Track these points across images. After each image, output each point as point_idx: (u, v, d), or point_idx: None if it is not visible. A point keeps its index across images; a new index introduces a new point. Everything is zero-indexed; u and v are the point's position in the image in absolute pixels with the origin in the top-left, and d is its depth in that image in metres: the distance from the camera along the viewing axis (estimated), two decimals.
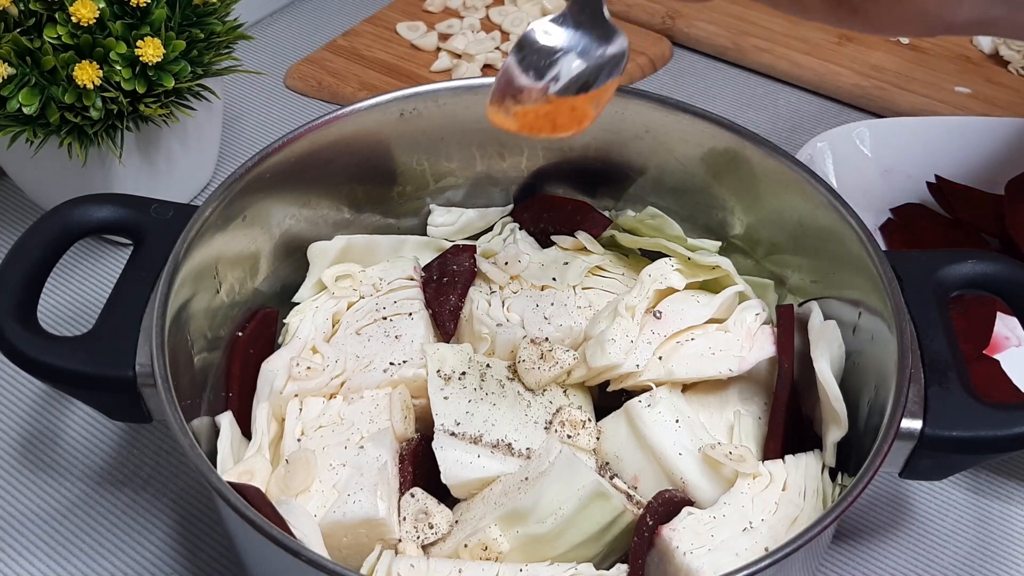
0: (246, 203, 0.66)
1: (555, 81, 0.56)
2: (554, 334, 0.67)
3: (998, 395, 0.71)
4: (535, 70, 0.57)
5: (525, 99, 0.56)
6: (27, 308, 0.59)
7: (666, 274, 0.67)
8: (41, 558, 0.67)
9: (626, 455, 0.62)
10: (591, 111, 0.56)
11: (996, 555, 0.69)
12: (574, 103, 0.56)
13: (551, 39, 0.57)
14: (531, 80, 0.56)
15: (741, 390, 0.65)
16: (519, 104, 0.56)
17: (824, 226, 0.65)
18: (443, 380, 0.64)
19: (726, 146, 0.69)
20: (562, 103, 0.56)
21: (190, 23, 0.79)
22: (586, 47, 0.57)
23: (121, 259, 0.86)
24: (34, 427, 0.75)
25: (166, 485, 0.71)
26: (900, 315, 0.57)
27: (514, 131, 0.56)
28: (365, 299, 0.70)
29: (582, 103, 0.56)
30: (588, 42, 0.57)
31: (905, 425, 0.54)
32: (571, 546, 0.57)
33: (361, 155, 0.71)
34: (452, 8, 1.14)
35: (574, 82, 0.57)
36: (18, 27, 0.74)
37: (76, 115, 0.75)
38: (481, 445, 0.61)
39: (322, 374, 0.65)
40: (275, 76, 1.06)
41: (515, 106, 0.56)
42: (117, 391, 0.57)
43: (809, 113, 1.04)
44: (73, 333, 0.74)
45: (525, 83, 0.56)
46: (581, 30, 0.57)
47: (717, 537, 0.56)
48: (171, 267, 0.59)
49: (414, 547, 0.58)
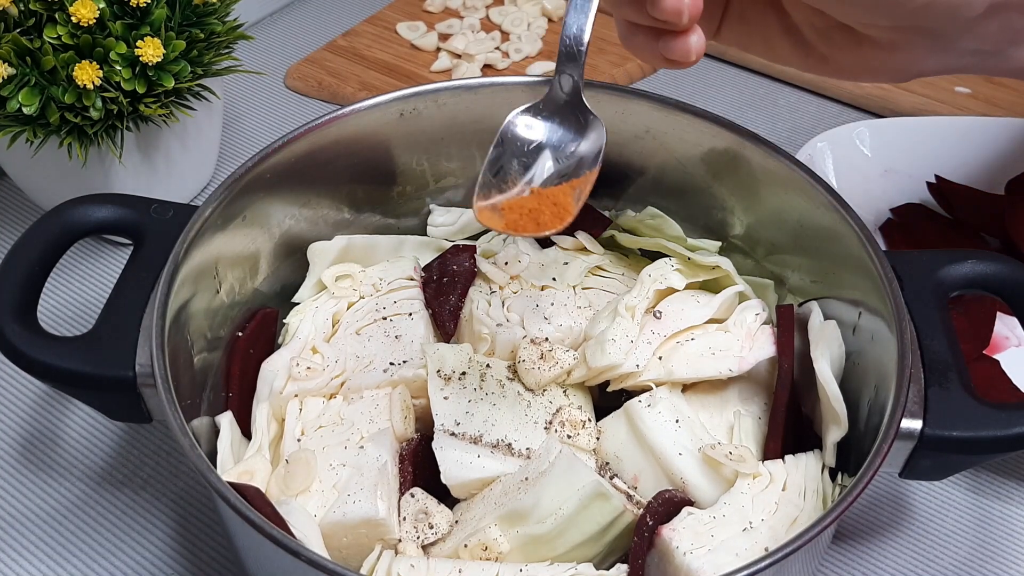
0: (246, 203, 0.66)
1: (538, 173, 0.57)
2: (554, 334, 0.67)
3: (998, 395, 0.71)
4: (518, 162, 0.57)
5: (509, 191, 0.57)
6: (27, 308, 0.59)
7: (666, 274, 0.67)
8: (41, 558, 0.67)
9: (626, 455, 0.62)
10: (572, 205, 0.56)
11: (996, 555, 0.69)
12: (556, 197, 0.56)
13: (532, 132, 0.58)
14: (515, 173, 0.57)
15: (741, 390, 0.65)
16: (504, 196, 0.56)
17: (824, 226, 0.65)
18: (443, 380, 0.64)
19: (726, 146, 0.68)
20: (545, 196, 0.56)
21: (190, 23, 0.79)
22: (564, 139, 0.58)
23: (121, 259, 0.86)
24: (34, 427, 0.75)
25: (166, 485, 0.71)
26: (900, 315, 0.57)
27: (500, 230, 0.57)
28: (365, 299, 0.70)
29: (564, 196, 0.56)
30: (567, 133, 0.58)
31: (905, 425, 0.54)
32: (571, 546, 0.57)
33: (361, 155, 0.71)
34: (452, 8, 1.14)
35: (555, 175, 0.57)
36: (18, 27, 0.74)
37: (76, 115, 0.75)
38: (481, 445, 0.61)
39: (322, 374, 0.65)
40: (275, 76, 1.06)
41: (501, 200, 0.56)
42: (117, 391, 0.57)
43: (809, 113, 1.04)
44: (73, 333, 0.74)
45: (509, 176, 0.57)
46: (561, 121, 0.58)
47: (717, 537, 0.56)
48: (171, 267, 0.59)
49: (414, 547, 0.58)
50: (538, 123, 0.58)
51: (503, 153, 0.57)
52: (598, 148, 0.57)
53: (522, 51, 1.07)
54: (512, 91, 0.70)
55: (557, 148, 0.58)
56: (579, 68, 0.57)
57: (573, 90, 0.57)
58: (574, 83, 0.57)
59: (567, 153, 0.58)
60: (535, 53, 1.08)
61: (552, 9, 1.12)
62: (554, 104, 0.58)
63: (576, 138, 0.58)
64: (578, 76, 0.57)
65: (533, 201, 0.56)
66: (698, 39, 0.52)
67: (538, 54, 1.08)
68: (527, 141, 0.58)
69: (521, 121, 0.58)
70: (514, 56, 1.06)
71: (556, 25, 1.12)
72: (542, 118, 0.58)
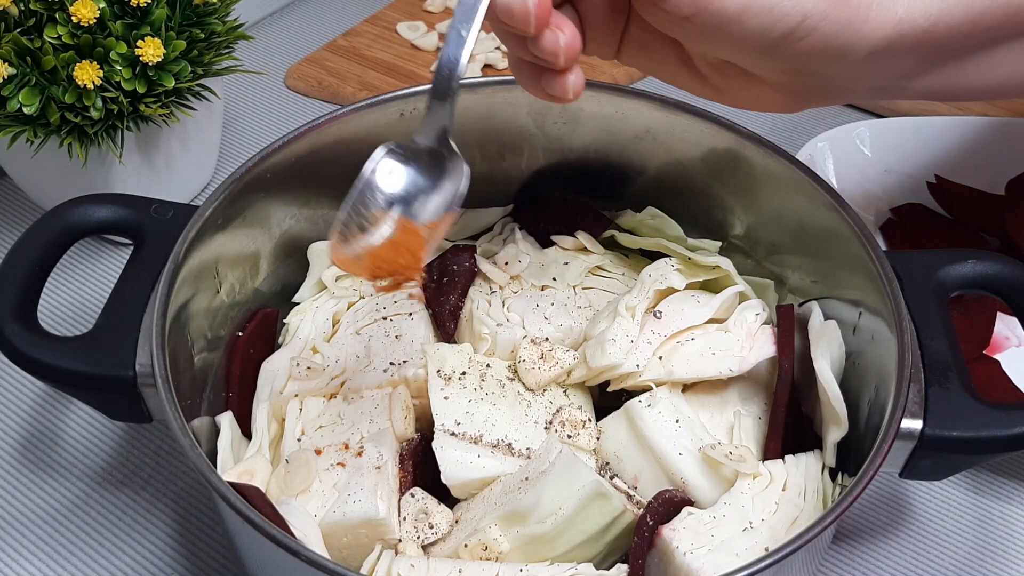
0: (246, 203, 0.66)
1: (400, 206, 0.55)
2: (554, 334, 0.67)
3: (998, 395, 0.71)
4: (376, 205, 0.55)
5: (368, 236, 0.55)
6: (27, 308, 0.59)
7: (666, 274, 0.67)
8: (41, 558, 0.67)
9: (626, 455, 0.62)
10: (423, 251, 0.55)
11: (996, 555, 0.69)
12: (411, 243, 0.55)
13: (393, 181, 0.55)
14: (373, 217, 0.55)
15: (741, 390, 0.65)
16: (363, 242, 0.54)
17: (824, 226, 0.65)
18: (443, 380, 0.64)
19: (726, 146, 0.69)
20: (399, 243, 0.54)
21: (190, 23, 0.79)
22: (426, 185, 0.55)
23: (121, 259, 0.86)
24: (34, 427, 0.75)
25: (166, 485, 0.71)
26: (900, 315, 0.57)
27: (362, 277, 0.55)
28: (365, 299, 0.70)
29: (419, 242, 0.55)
30: (429, 179, 0.55)
31: (905, 425, 0.54)
32: (571, 546, 0.57)
33: (361, 155, 0.70)
34: (452, 8, 1.14)
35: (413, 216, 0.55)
36: (18, 27, 0.74)
37: (76, 115, 0.75)
38: (481, 445, 0.61)
39: (322, 374, 0.65)
40: (275, 76, 1.06)
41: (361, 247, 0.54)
42: (117, 391, 0.57)
43: (809, 113, 1.03)
44: (73, 333, 0.74)
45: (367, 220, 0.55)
46: (426, 165, 0.56)
47: (717, 537, 0.56)
48: (171, 267, 0.59)
49: (414, 547, 0.58)
50: (400, 169, 0.55)
51: (362, 197, 0.55)
52: (460, 192, 0.55)
53: None
54: (512, 91, 0.70)
55: (417, 194, 0.55)
56: (451, 106, 0.54)
57: (441, 134, 0.55)
58: (443, 127, 0.55)
59: (427, 196, 0.55)
60: None
61: None
62: (419, 149, 0.56)
63: (439, 181, 0.56)
64: (448, 117, 0.54)
65: (389, 249, 0.55)
66: (575, 78, 0.53)
67: None
68: (388, 193, 0.55)
69: (383, 168, 0.55)
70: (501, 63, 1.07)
71: None
72: (406, 163, 0.55)
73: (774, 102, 0.58)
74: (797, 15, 0.50)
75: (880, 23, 0.52)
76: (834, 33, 0.51)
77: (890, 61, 0.54)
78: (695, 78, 0.58)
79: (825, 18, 0.51)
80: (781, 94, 0.57)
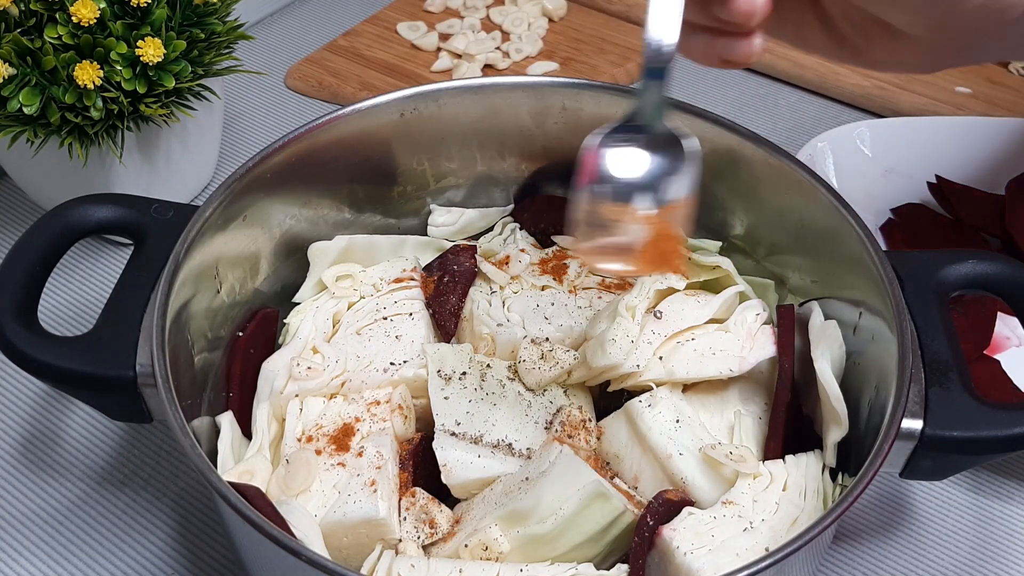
0: (246, 203, 0.66)
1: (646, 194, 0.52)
2: (554, 334, 0.67)
3: (998, 395, 0.71)
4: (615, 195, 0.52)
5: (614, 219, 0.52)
6: (27, 308, 0.59)
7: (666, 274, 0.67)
8: (41, 558, 0.67)
9: (626, 455, 0.62)
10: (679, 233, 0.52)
11: (996, 555, 0.69)
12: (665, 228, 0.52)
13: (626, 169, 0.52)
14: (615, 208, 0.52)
15: (741, 390, 0.65)
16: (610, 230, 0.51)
17: (825, 226, 0.65)
18: (443, 380, 0.64)
19: (726, 146, 0.68)
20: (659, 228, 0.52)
21: (190, 23, 0.79)
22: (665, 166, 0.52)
23: (121, 259, 0.86)
24: (34, 427, 0.75)
25: (166, 485, 0.71)
26: (901, 315, 0.57)
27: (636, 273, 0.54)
28: (365, 299, 0.70)
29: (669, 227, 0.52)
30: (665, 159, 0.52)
31: (906, 425, 0.54)
32: (572, 546, 0.57)
33: (361, 155, 0.71)
34: (452, 8, 1.14)
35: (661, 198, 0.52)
36: (19, 27, 0.74)
37: (76, 115, 0.75)
38: (481, 445, 0.61)
39: (322, 374, 0.65)
40: (275, 76, 1.06)
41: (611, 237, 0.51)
42: (117, 391, 0.57)
43: (809, 113, 1.04)
44: (73, 333, 0.74)
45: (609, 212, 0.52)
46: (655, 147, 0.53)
47: (717, 537, 0.56)
48: (171, 267, 0.59)
49: (414, 547, 0.58)
50: (631, 155, 0.52)
51: (600, 192, 0.52)
52: (694, 171, 0.52)
53: (523, 51, 1.07)
54: (512, 91, 0.70)
55: (657, 180, 0.52)
56: (664, 83, 0.51)
57: (658, 115, 0.52)
58: (659, 105, 0.52)
59: (668, 180, 0.53)
60: (535, 53, 1.07)
61: (552, 9, 1.12)
62: (643, 133, 0.53)
63: (673, 162, 0.53)
64: (661, 95, 0.51)
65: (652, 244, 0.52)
66: (761, 41, 0.51)
67: (538, 54, 1.08)
68: (626, 182, 0.52)
69: (611, 157, 0.52)
70: (515, 56, 1.06)
71: (556, 25, 1.12)
72: (635, 145, 0.53)
73: (915, 62, 0.56)
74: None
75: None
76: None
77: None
78: (832, 39, 0.56)
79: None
80: (924, 53, 0.55)
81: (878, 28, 0.54)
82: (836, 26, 0.55)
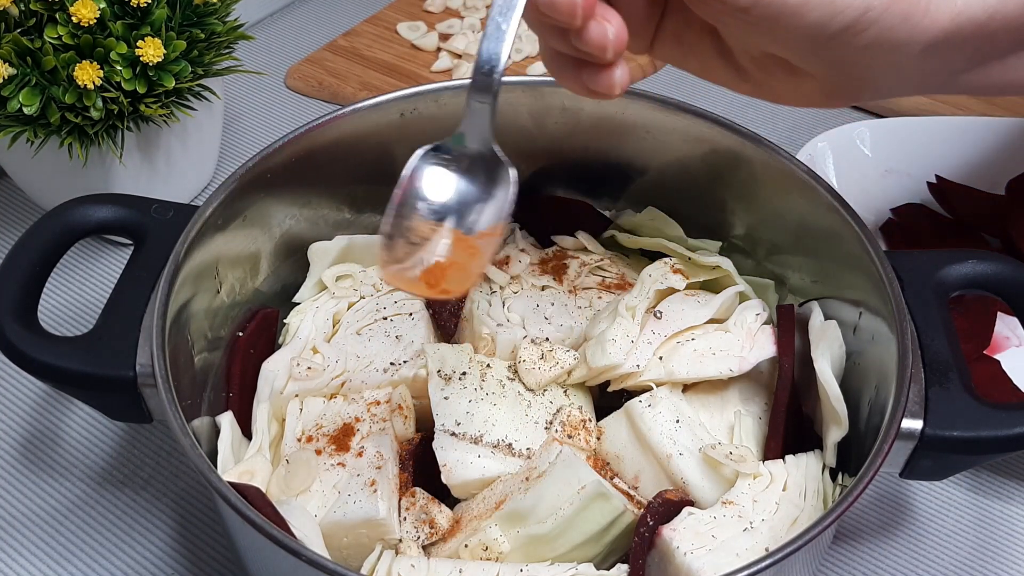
0: (246, 203, 0.66)
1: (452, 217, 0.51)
2: (554, 334, 0.67)
3: (998, 395, 0.71)
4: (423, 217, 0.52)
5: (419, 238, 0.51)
6: (27, 308, 0.59)
7: (666, 274, 0.67)
8: (41, 558, 0.67)
9: (626, 455, 0.62)
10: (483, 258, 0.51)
11: (996, 555, 0.69)
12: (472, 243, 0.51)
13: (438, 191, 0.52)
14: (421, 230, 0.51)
15: (741, 390, 0.65)
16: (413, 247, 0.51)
17: (825, 226, 0.65)
18: (443, 380, 0.64)
19: (727, 146, 0.68)
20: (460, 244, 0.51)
21: (190, 23, 0.79)
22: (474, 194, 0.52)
23: (121, 259, 0.86)
24: (34, 427, 0.75)
25: (166, 485, 0.71)
26: (901, 315, 0.57)
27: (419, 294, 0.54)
28: (365, 299, 0.70)
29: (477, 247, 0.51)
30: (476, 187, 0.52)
31: (906, 425, 0.54)
32: (572, 546, 0.57)
33: (361, 155, 0.71)
34: (452, 8, 1.14)
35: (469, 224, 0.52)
36: (19, 27, 0.74)
37: (76, 115, 0.75)
38: (481, 445, 0.61)
39: (322, 374, 0.65)
40: (275, 76, 1.06)
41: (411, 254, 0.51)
42: (117, 391, 0.57)
43: (809, 113, 1.04)
44: (73, 333, 0.74)
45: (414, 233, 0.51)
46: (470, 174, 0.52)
47: (718, 537, 0.56)
48: (171, 267, 0.59)
49: (414, 547, 0.58)
50: (446, 176, 0.52)
51: (408, 209, 0.51)
52: (510, 198, 0.51)
53: (522, 51, 1.07)
54: (512, 91, 0.70)
55: (467, 204, 0.52)
56: (492, 106, 0.50)
57: (484, 138, 0.51)
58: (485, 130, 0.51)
59: (479, 206, 0.52)
60: (535, 53, 1.08)
61: None
62: (462, 154, 0.52)
63: (488, 188, 0.52)
64: (490, 118, 0.50)
65: (444, 266, 0.51)
66: (622, 73, 0.50)
67: (538, 54, 1.07)
68: (436, 203, 0.51)
69: (427, 176, 0.52)
70: (514, 56, 1.07)
71: None
72: (451, 169, 0.52)
73: (815, 97, 0.55)
74: (859, 7, 0.48)
75: (939, 15, 0.50)
76: (893, 26, 0.49)
77: (943, 56, 0.52)
78: (732, 72, 0.55)
79: (886, 10, 0.49)
80: (824, 89, 0.55)
81: (776, 64, 0.54)
82: (736, 61, 0.55)
